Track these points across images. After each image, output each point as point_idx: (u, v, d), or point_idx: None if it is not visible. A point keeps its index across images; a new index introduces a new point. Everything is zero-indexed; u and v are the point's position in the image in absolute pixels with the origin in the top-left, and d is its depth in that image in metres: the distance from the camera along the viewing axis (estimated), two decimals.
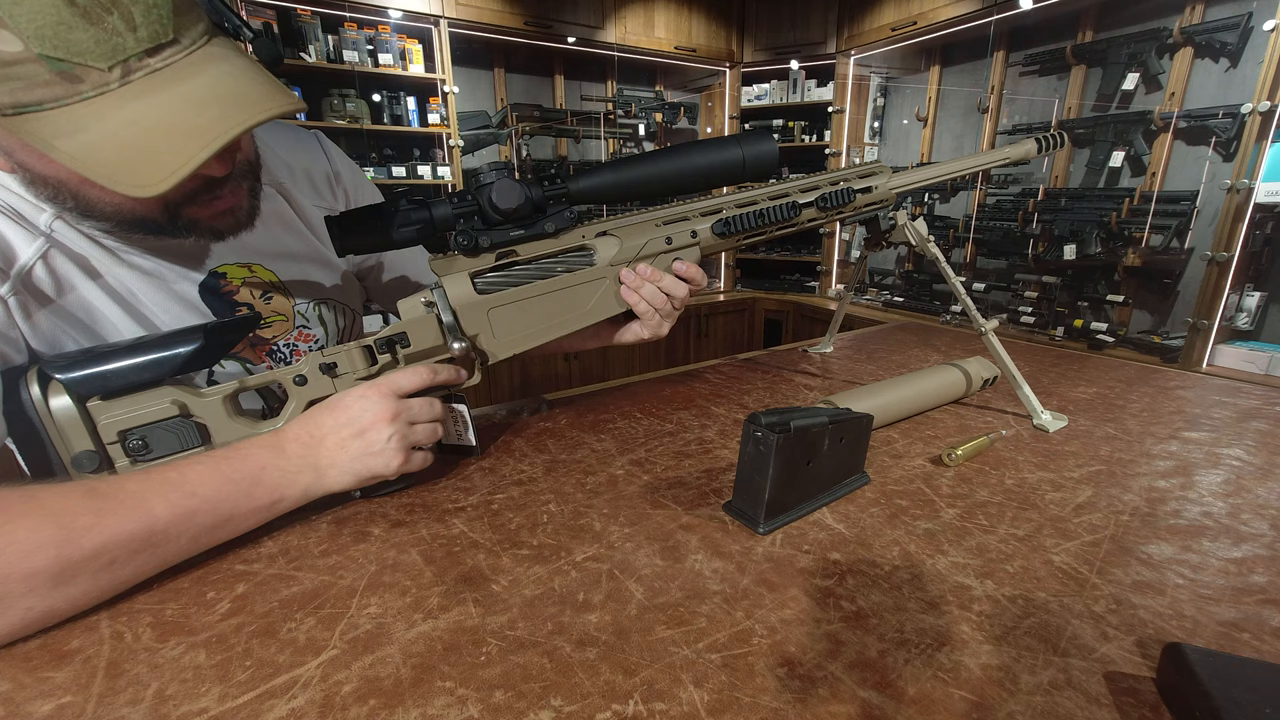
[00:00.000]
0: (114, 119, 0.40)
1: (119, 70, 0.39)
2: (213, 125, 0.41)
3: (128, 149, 0.40)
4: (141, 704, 0.34)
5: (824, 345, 1.10)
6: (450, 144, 2.63)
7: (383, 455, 0.52)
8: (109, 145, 0.40)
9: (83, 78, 0.38)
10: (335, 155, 0.74)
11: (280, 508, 0.50)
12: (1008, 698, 0.34)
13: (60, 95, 0.38)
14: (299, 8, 2.26)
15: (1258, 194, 1.77)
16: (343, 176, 0.73)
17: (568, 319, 0.61)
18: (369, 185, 0.77)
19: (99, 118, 0.39)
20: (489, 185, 0.54)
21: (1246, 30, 1.89)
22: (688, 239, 0.64)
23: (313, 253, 0.69)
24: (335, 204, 0.72)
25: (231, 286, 0.62)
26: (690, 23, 3.11)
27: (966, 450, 0.64)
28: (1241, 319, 1.94)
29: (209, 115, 0.41)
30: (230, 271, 0.62)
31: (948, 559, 0.47)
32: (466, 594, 0.43)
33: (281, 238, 0.66)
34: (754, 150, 0.61)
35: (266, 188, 0.63)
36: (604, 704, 0.34)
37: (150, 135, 0.40)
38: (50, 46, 0.37)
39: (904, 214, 0.76)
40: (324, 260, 0.71)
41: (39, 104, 0.38)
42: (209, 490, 0.45)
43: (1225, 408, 0.81)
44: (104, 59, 0.38)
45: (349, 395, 0.53)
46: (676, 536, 0.50)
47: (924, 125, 2.96)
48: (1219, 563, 0.47)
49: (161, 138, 0.40)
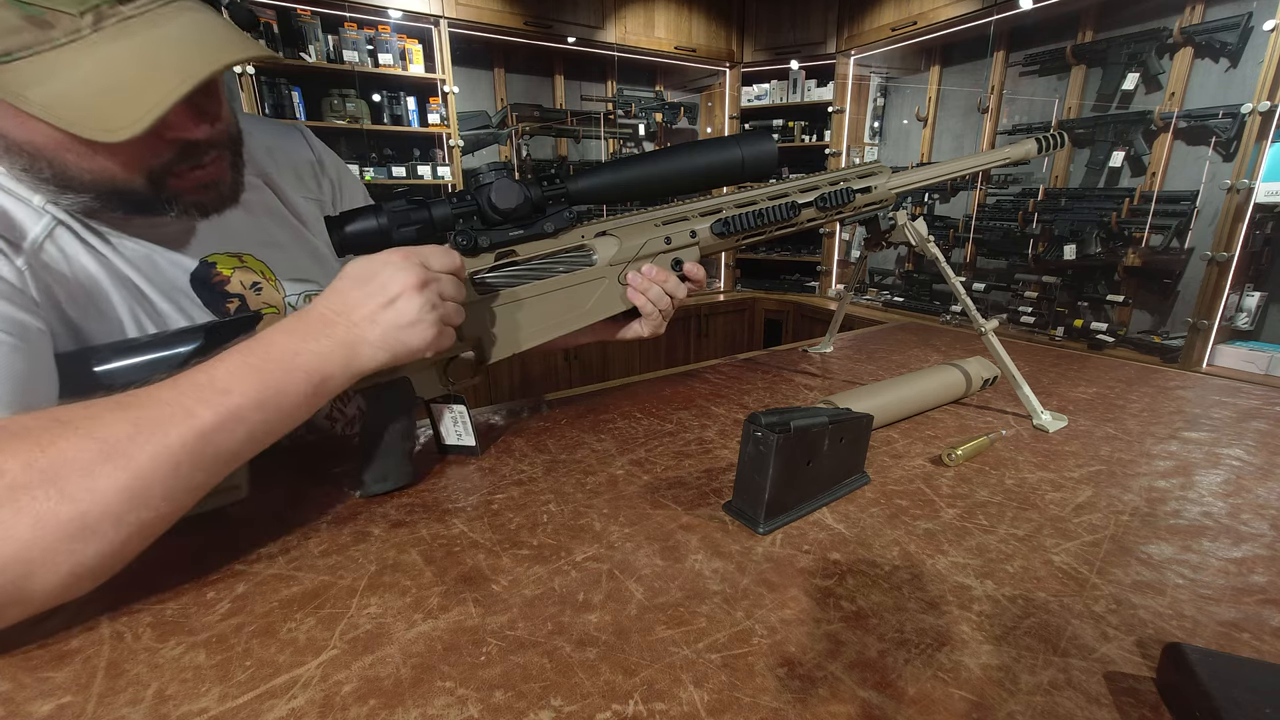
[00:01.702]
0: (84, 67, 0.39)
1: (91, 16, 0.38)
2: (184, 65, 0.41)
3: (98, 94, 0.39)
4: (141, 704, 0.34)
5: (824, 345, 1.10)
6: (450, 144, 2.63)
7: (417, 328, 0.49)
8: (79, 92, 0.39)
9: (53, 23, 0.38)
10: (317, 145, 0.74)
11: (330, 387, 0.47)
12: (1008, 698, 0.34)
13: (29, 43, 0.38)
14: (299, 8, 2.26)
15: (1258, 194, 1.77)
16: (326, 165, 0.74)
17: (567, 319, 0.61)
18: (351, 174, 0.78)
19: (71, 65, 0.38)
20: (488, 185, 0.54)
21: (1246, 30, 1.89)
22: (687, 239, 0.64)
23: (302, 243, 0.69)
24: (321, 194, 0.72)
25: (222, 276, 0.61)
26: (690, 23, 3.11)
27: (966, 450, 0.64)
28: (1241, 319, 1.94)
29: (181, 55, 0.41)
30: (221, 261, 0.61)
31: (948, 559, 0.47)
32: (466, 594, 0.43)
33: (270, 228, 0.66)
34: (753, 150, 0.61)
35: (253, 178, 0.63)
36: (604, 704, 0.34)
37: (120, 79, 0.39)
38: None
39: (904, 214, 0.77)
40: (314, 251, 0.70)
41: (8, 53, 0.37)
42: (245, 386, 0.43)
43: (1225, 408, 0.81)
44: (75, 4, 0.38)
45: (374, 260, 0.49)
46: (676, 536, 0.50)
47: (924, 125, 2.96)
48: (1219, 563, 0.47)
49: (132, 80, 0.40)
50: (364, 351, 0.48)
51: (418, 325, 0.49)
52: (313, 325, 0.47)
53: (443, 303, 0.51)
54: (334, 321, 0.47)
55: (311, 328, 0.47)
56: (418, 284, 0.48)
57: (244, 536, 0.51)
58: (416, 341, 0.49)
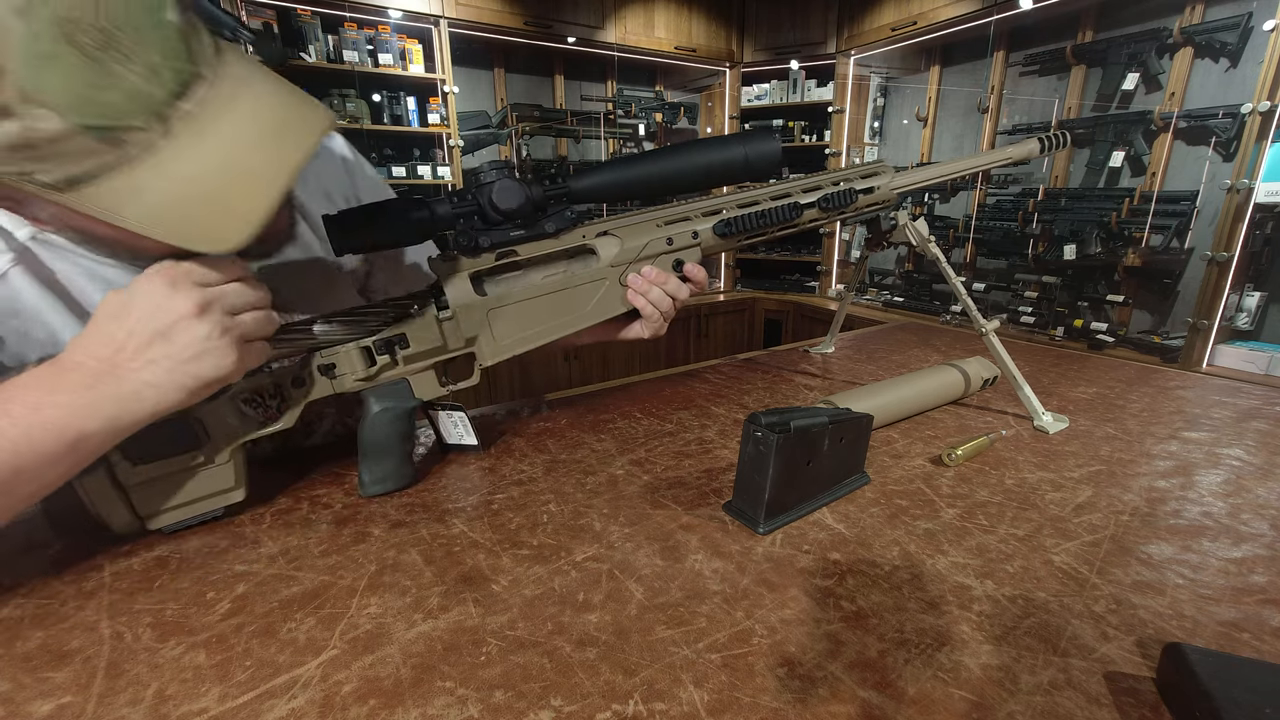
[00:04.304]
0: (172, 176, 0.39)
1: (158, 124, 0.39)
2: (270, 164, 0.40)
3: (196, 206, 0.39)
4: (141, 704, 0.34)
5: (825, 345, 1.10)
6: (450, 144, 2.63)
7: (208, 358, 0.43)
8: (175, 205, 0.39)
9: (126, 139, 0.38)
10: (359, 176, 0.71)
11: (91, 444, 0.42)
12: (1008, 698, 0.34)
13: (110, 162, 0.38)
14: (299, 8, 2.26)
15: (1258, 194, 1.77)
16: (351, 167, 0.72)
17: (568, 320, 0.61)
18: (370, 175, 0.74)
19: (156, 176, 0.39)
20: (489, 185, 0.54)
21: (1246, 30, 1.89)
22: (689, 239, 0.64)
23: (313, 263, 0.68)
24: None
25: None
26: (690, 23, 3.11)
27: (966, 450, 0.64)
28: (1241, 319, 1.94)
29: (264, 154, 0.41)
30: None
31: (948, 559, 0.47)
32: (466, 594, 0.43)
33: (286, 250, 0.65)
34: (756, 149, 0.60)
35: None
36: (604, 704, 0.34)
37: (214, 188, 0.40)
38: (87, 115, 0.36)
39: (905, 214, 0.76)
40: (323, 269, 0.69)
41: (92, 175, 0.38)
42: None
43: (1225, 408, 0.81)
44: (140, 115, 0.38)
45: (132, 288, 0.42)
46: (676, 536, 0.50)
47: (924, 125, 2.96)
48: (1219, 563, 0.47)
49: (226, 189, 0.40)
50: (146, 395, 0.42)
51: (208, 355, 0.43)
52: (64, 373, 0.41)
53: (234, 319, 0.45)
54: (91, 368, 0.41)
55: (62, 377, 0.41)
56: (195, 309, 0.42)
57: (243, 537, 0.51)
58: (212, 372, 0.44)
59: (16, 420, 0.39)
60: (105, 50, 0.35)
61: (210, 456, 0.51)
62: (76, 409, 0.41)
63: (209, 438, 0.51)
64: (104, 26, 0.35)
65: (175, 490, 0.51)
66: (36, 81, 0.34)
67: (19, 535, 0.52)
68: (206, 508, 0.53)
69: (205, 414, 0.51)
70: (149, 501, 0.50)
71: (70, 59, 0.34)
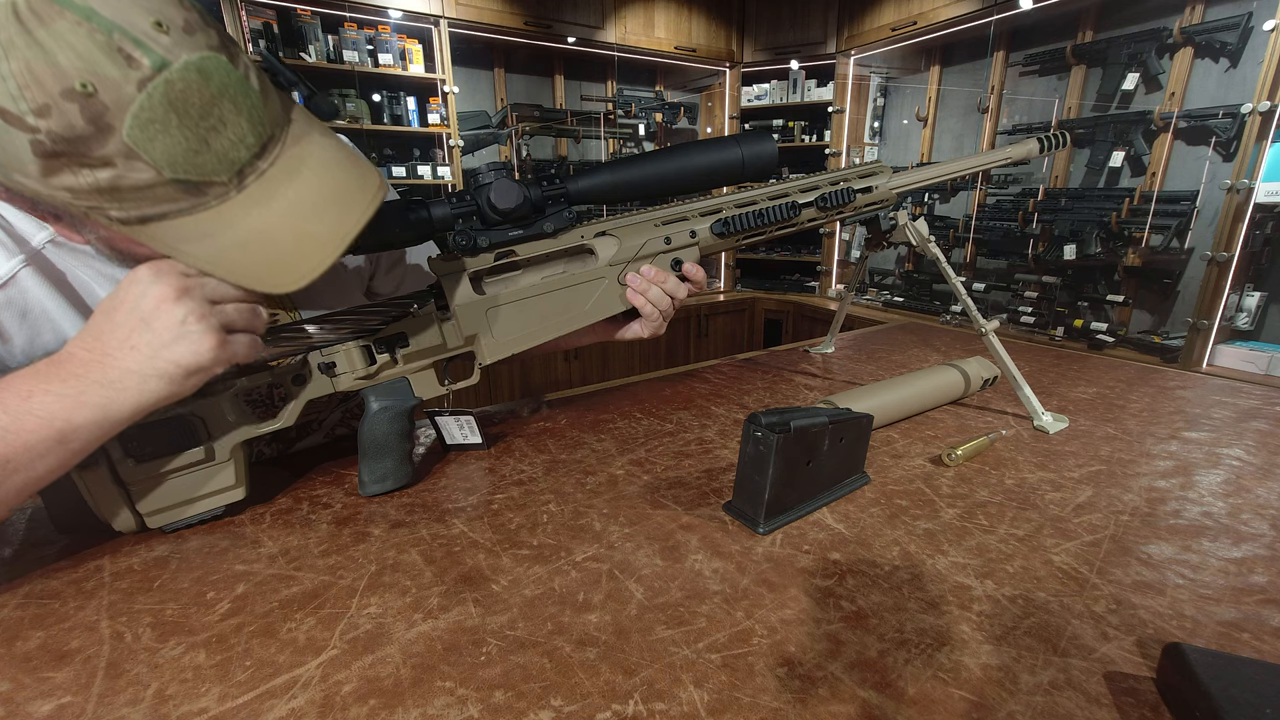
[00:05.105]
0: (240, 227, 0.42)
1: (235, 179, 0.41)
2: (332, 231, 0.44)
3: (258, 256, 0.43)
4: (141, 704, 0.34)
5: (825, 345, 1.10)
6: (450, 144, 2.63)
7: (184, 342, 0.42)
8: (238, 251, 0.42)
9: (206, 190, 0.41)
10: None
11: (77, 438, 0.42)
12: (1008, 698, 0.34)
13: (185, 207, 0.41)
14: (299, 8, 2.26)
15: (1258, 194, 1.77)
16: None
17: (566, 319, 0.61)
18: None
19: (225, 225, 0.42)
20: (488, 185, 0.54)
21: (1246, 30, 1.89)
22: (687, 239, 0.64)
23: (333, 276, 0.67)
24: None
25: None
26: (690, 23, 3.11)
27: (966, 450, 0.64)
28: (1241, 319, 1.94)
29: (326, 222, 0.44)
30: None
31: (948, 559, 0.47)
32: (466, 594, 0.43)
33: None
34: (753, 150, 0.61)
35: None
36: (604, 704, 0.34)
37: (277, 246, 0.43)
38: (180, 172, 0.39)
39: (905, 214, 0.76)
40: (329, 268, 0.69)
41: (163, 215, 0.40)
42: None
43: (1225, 408, 0.81)
44: (224, 172, 0.41)
45: (123, 283, 0.43)
46: (676, 536, 0.50)
47: (924, 125, 2.96)
48: (1219, 563, 0.47)
49: (289, 247, 0.43)
50: (130, 384, 0.43)
51: (184, 339, 0.43)
52: (58, 365, 0.42)
53: (215, 307, 0.45)
54: (81, 358, 0.42)
55: (58, 369, 0.42)
56: (173, 294, 0.42)
57: (243, 537, 0.51)
58: (189, 358, 0.43)
59: (8, 408, 0.40)
60: (205, 119, 0.39)
61: (211, 454, 0.51)
62: (66, 397, 0.42)
63: (210, 435, 0.51)
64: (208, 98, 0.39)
65: (176, 488, 0.51)
66: (142, 142, 0.37)
67: (19, 535, 0.52)
68: (207, 506, 0.53)
69: (205, 411, 0.51)
70: (150, 499, 0.50)
71: (176, 126, 0.38)
